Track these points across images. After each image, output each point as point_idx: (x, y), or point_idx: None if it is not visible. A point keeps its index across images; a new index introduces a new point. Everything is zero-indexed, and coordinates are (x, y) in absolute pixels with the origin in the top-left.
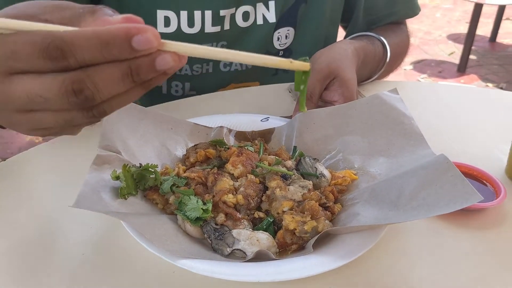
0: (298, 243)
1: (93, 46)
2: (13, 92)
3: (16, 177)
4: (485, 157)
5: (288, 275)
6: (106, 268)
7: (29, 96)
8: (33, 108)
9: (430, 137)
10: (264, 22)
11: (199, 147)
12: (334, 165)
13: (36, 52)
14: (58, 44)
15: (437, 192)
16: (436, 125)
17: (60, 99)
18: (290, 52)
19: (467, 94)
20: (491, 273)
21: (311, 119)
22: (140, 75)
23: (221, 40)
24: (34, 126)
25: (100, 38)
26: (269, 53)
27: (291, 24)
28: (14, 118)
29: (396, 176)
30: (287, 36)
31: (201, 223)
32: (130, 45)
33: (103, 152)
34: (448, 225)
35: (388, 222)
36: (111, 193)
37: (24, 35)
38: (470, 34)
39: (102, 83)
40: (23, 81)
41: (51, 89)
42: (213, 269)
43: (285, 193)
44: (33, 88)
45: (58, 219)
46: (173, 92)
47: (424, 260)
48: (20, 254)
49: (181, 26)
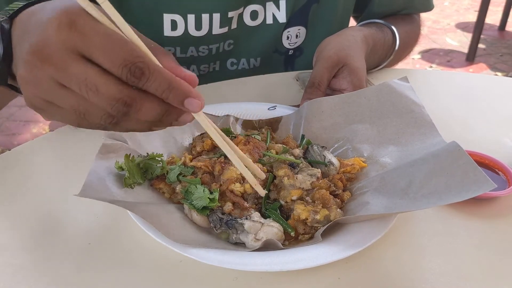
0: (310, 232)
1: (163, 83)
2: (74, 68)
3: (23, 166)
4: (497, 146)
5: (295, 265)
6: (112, 258)
7: (87, 80)
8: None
9: (440, 126)
10: (274, 22)
11: (206, 136)
12: (343, 154)
13: (124, 61)
14: (142, 67)
15: (449, 180)
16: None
17: (108, 98)
18: (301, 51)
19: (478, 82)
20: (502, 262)
21: (319, 107)
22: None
23: (228, 39)
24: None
25: (171, 82)
26: (278, 52)
27: (302, 23)
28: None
29: (406, 164)
30: (298, 35)
31: (207, 212)
32: (182, 100)
33: (109, 141)
34: (459, 214)
35: (398, 211)
36: (117, 182)
37: (123, 41)
38: (479, 22)
39: (145, 109)
40: (90, 67)
41: (110, 88)
42: (220, 259)
43: (293, 182)
44: (95, 79)
45: (63, 208)
46: None
47: (434, 250)
48: (26, 243)
49: (189, 29)
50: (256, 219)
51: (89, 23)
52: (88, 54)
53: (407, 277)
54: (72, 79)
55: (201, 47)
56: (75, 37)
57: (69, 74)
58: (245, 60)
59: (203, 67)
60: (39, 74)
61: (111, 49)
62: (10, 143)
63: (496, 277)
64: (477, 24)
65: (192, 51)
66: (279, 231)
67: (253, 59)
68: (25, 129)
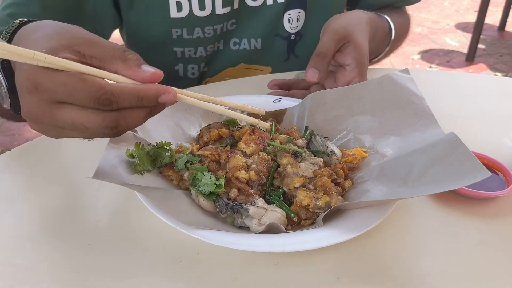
0: (312, 218)
1: (132, 99)
2: (60, 116)
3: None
4: (497, 146)
5: (297, 246)
6: (122, 238)
7: (74, 123)
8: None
9: (440, 125)
10: (274, 2)
11: (213, 126)
12: (345, 144)
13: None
14: (107, 97)
15: (446, 168)
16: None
17: (98, 128)
18: (300, 36)
19: (476, 82)
20: (499, 262)
21: (322, 99)
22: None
23: (231, 19)
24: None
25: (138, 95)
26: (280, 36)
27: (301, 6)
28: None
29: (406, 154)
30: (298, 19)
31: (214, 197)
32: (156, 101)
33: None
34: (458, 214)
35: (396, 197)
36: (127, 168)
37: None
38: (479, 23)
39: (131, 121)
40: (70, 111)
41: (94, 121)
42: (225, 239)
43: (296, 170)
44: (78, 119)
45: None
46: (190, 75)
47: (433, 249)
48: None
49: (193, 9)
50: (260, 204)
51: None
52: (62, 101)
53: (406, 274)
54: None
55: (206, 28)
56: (44, 95)
57: (59, 122)
58: (246, 40)
59: (209, 47)
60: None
61: (74, 93)
62: (10, 144)
63: (494, 276)
64: (476, 24)
65: (198, 32)
66: (282, 216)
67: (253, 40)
68: (25, 130)
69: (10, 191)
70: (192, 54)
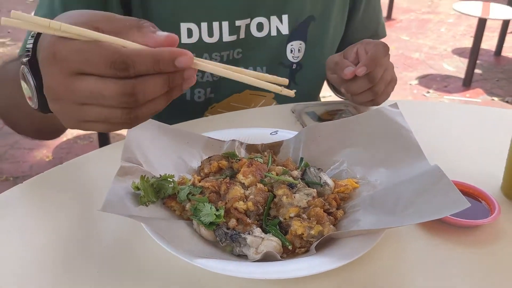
0: (306, 246)
1: (148, 62)
2: (77, 87)
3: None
4: (481, 174)
5: (291, 273)
6: (129, 266)
7: (92, 92)
8: (90, 102)
9: (426, 155)
10: (278, 34)
11: (213, 159)
12: (338, 175)
13: (106, 63)
14: (123, 60)
15: (430, 199)
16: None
17: (115, 98)
18: (301, 66)
19: (463, 112)
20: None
21: (317, 132)
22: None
23: (237, 47)
24: (82, 117)
25: (153, 57)
26: (283, 65)
27: (302, 38)
28: (69, 108)
29: (394, 185)
30: (299, 50)
31: (214, 227)
32: (173, 64)
33: (126, 164)
34: (444, 242)
35: (385, 226)
36: (133, 200)
37: (96, 48)
38: (475, 48)
39: (149, 89)
40: (87, 81)
41: (112, 89)
42: (224, 267)
43: (291, 200)
44: (96, 87)
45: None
46: (196, 99)
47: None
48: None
49: (202, 36)
50: (257, 234)
51: (64, 46)
52: (79, 70)
53: None
54: (82, 96)
55: (213, 54)
56: (62, 65)
57: (77, 97)
58: (252, 68)
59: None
60: (60, 108)
61: (90, 59)
62: (14, 170)
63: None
64: (473, 49)
65: (206, 57)
66: (278, 245)
67: (259, 68)
68: (30, 156)
69: (23, 221)
70: (199, 78)
